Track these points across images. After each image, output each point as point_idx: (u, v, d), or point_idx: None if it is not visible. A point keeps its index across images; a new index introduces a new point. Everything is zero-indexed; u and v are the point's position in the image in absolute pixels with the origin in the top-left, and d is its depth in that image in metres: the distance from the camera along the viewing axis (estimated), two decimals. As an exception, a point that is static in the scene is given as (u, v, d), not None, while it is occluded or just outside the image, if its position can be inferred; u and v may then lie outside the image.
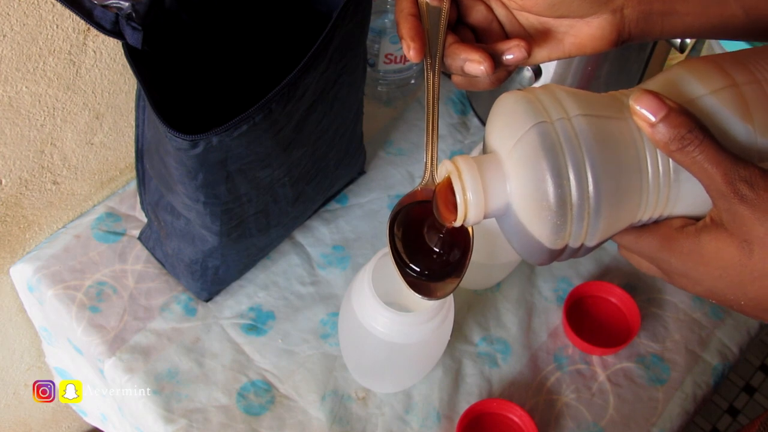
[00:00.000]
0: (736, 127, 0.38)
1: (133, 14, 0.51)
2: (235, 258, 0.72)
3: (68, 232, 0.78)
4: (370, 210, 0.82)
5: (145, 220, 0.76)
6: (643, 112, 0.37)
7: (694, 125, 0.36)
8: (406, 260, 0.44)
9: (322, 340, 0.73)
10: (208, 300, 0.75)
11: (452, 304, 0.62)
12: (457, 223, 0.40)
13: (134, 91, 0.66)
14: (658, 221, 0.40)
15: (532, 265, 0.45)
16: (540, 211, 0.37)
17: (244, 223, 0.66)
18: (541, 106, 0.38)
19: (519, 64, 0.45)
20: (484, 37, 0.47)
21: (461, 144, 0.88)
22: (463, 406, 0.71)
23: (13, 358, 0.91)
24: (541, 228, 0.37)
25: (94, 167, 0.78)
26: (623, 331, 0.77)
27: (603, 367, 0.75)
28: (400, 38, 0.44)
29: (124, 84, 0.73)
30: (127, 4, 0.51)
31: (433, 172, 0.44)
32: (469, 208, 0.38)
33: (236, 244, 0.69)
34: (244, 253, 0.73)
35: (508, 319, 0.77)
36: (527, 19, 0.46)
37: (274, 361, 0.72)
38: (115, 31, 0.52)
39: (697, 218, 0.39)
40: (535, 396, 0.73)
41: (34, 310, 0.81)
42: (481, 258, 0.71)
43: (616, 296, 0.78)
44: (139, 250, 0.77)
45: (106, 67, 0.70)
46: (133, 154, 0.70)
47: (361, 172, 0.85)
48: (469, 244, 0.44)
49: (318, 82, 0.59)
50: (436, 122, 0.44)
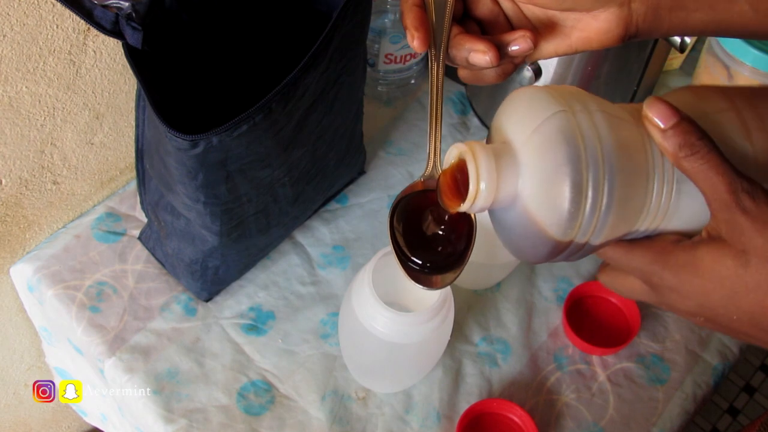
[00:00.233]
0: (737, 145, 0.39)
1: (133, 14, 0.51)
2: (235, 258, 0.72)
3: (68, 232, 0.78)
4: (370, 210, 0.82)
5: (145, 220, 0.76)
6: (655, 118, 0.38)
7: (703, 135, 0.38)
8: (407, 252, 0.43)
9: (322, 340, 0.73)
10: (208, 300, 0.75)
11: (452, 304, 0.62)
12: (464, 208, 0.39)
13: (134, 91, 0.66)
14: (650, 236, 0.41)
15: (528, 263, 0.44)
16: (556, 198, 0.37)
17: (244, 223, 0.67)
18: (562, 99, 0.39)
19: (525, 55, 0.44)
20: (490, 30, 0.46)
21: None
22: (463, 406, 0.71)
23: (13, 358, 0.91)
24: (553, 216, 0.37)
25: (94, 167, 0.78)
26: (623, 331, 0.77)
27: (603, 367, 0.75)
28: (405, 28, 0.43)
29: (124, 84, 0.73)
30: (127, 4, 0.51)
31: (436, 162, 0.44)
32: (480, 195, 0.38)
33: (236, 244, 0.69)
34: (244, 253, 0.73)
35: (508, 319, 0.77)
36: (534, 12, 0.46)
37: (274, 361, 0.72)
38: (115, 31, 0.52)
39: (690, 235, 0.40)
40: (535, 396, 0.73)
41: (34, 310, 0.81)
42: (481, 258, 0.71)
43: (616, 296, 0.78)
44: (139, 250, 0.77)
45: (106, 67, 0.70)
46: (133, 154, 0.70)
47: (361, 172, 0.85)
48: (473, 233, 0.43)
49: (318, 82, 0.59)
50: (439, 113, 0.43)
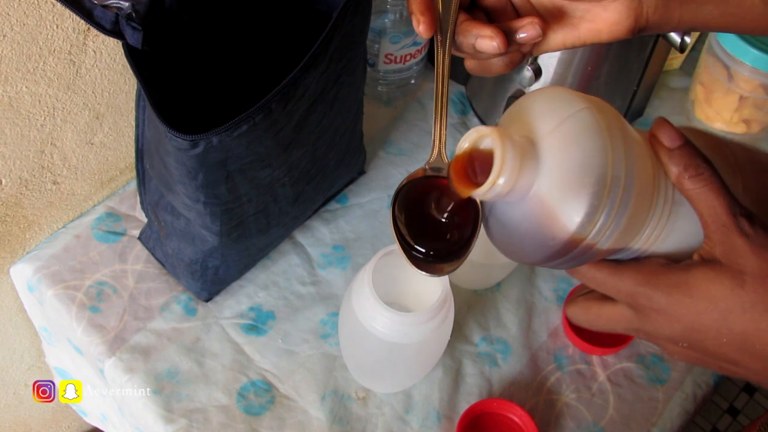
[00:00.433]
0: (727, 179, 0.41)
1: (133, 14, 0.51)
2: (235, 258, 0.72)
3: (68, 232, 0.78)
4: (370, 210, 0.82)
5: (145, 220, 0.76)
6: (663, 138, 0.39)
7: (706, 159, 0.39)
8: (410, 239, 0.42)
9: (322, 340, 0.73)
10: (208, 300, 0.75)
11: (452, 304, 0.62)
12: (478, 195, 0.38)
13: (134, 91, 0.66)
14: (639, 258, 0.41)
15: (523, 263, 0.44)
16: (580, 189, 0.37)
17: (244, 223, 0.67)
18: (586, 98, 0.40)
19: (533, 43, 0.44)
20: (498, 20, 0.46)
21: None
22: (463, 406, 0.71)
23: (13, 358, 0.91)
24: (573, 209, 0.37)
25: (94, 167, 0.78)
26: (623, 331, 0.77)
27: (603, 367, 0.75)
28: (410, 13, 0.42)
29: (124, 84, 0.73)
30: (127, 4, 0.51)
31: (441, 149, 0.43)
32: (499, 184, 0.37)
33: (236, 244, 0.69)
34: (244, 253, 0.73)
35: (508, 319, 0.77)
36: (542, 2, 0.45)
37: (274, 361, 0.72)
38: (115, 31, 0.52)
39: (676, 260, 0.41)
40: (535, 396, 0.73)
41: (34, 310, 0.81)
42: (481, 258, 0.71)
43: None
44: (139, 250, 0.77)
45: (106, 67, 0.70)
46: (133, 154, 0.70)
47: (361, 172, 0.85)
48: (478, 220, 0.42)
49: (318, 82, 0.59)
50: (445, 101, 0.43)
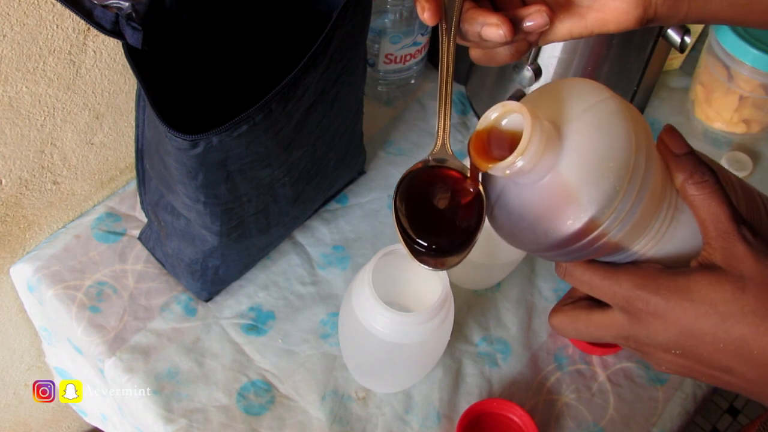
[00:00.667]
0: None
1: (133, 14, 0.51)
2: (235, 258, 0.72)
3: (68, 232, 0.78)
4: (370, 210, 0.82)
5: (145, 220, 0.76)
6: (671, 144, 0.40)
7: (710, 168, 0.40)
8: (413, 235, 0.41)
9: (322, 340, 0.73)
10: (208, 300, 0.75)
11: (452, 304, 0.62)
12: (503, 166, 0.37)
13: (134, 91, 0.66)
14: (636, 262, 0.41)
15: (530, 252, 0.44)
16: (603, 172, 0.37)
17: (244, 223, 0.66)
18: (611, 90, 0.40)
19: (540, 32, 0.43)
20: (504, 8, 0.45)
21: (461, 144, 0.88)
22: (463, 406, 0.71)
23: (13, 358, 0.91)
24: (595, 191, 0.37)
25: (94, 167, 0.78)
26: (623, 331, 0.77)
27: (603, 367, 0.75)
28: (415, 1, 0.42)
29: (124, 84, 0.73)
30: (127, 4, 0.51)
31: (445, 139, 0.43)
32: (528, 153, 0.36)
33: (236, 244, 0.69)
34: (244, 253, 0.73)
35: (508, 319, 0.77)
36: None
37: (274, 361, 0.72)
38: (115, 31, 0.52)
39: (671, 267, 0.41)
40: (535, 396, 0.73)
41: (34, 310, 0.81)
42: (481, 258, 0.71)
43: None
44: (139, 250, 0.77)
45: (106, 67, 0.70)
46: (133, 154, 0.70)
47: (361, 172, 0.85)
48: (482, 214, 0.41)
49: (318, 82, 0.59)
50: (449, 90, 0.42)
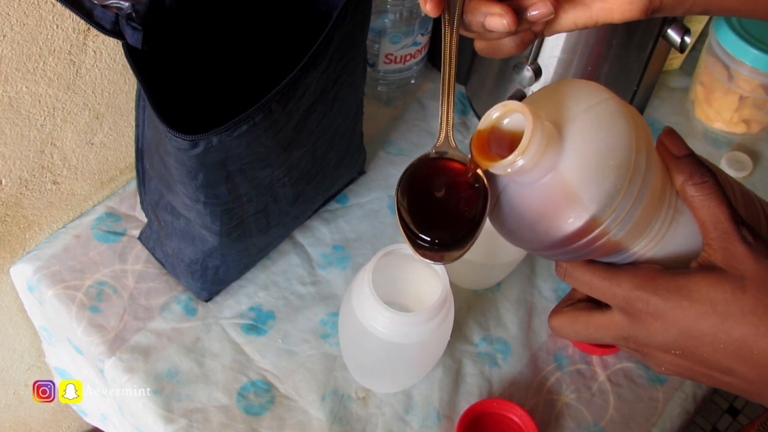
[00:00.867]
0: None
1: (133, 14, 0.51)
2: (235, 258, 0.72)
3: (68, 232, 0.78)
4: (370, 210, 0.82)
5: (145, 220, 0.76)
6: (671, 146, 0.40)
7: (709, 170, 0.40)
8: (414, 229, 0.41)
9: (322, 340, 0.73)
10: (208, 300, 0.75)
11: (452, 304, 0.62)
12: (504, 165, 0.38)
13: (134, 91, 0.66)
14: (636, 263, 0.42)
15: (532, 250, 0.44)
16: (604, 171, 0.37)
17: (244, 223, 0.66)
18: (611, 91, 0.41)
19: (544, 21, 0.43)
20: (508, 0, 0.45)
21: (461, 144, 0.88)
22: (463, 406, 0.71)
23: (13, 358, 0.91)
24: (596, 190, 0.37)
25: (94, 167, 0.78)
26: (623, 331, 0.77)
27: (603, 367, 0.75)
28: None
29: (124, 84, 0.73)
30: (127, 4, 0.51)
31: (448, 132, 0.43)
32: (529, 152, 0.37)
33: (236, 244, 0.69)
34: (244, 253, 0.73)
35: (508, 319, 0.77)
36: None
37: (274, 361, 0.72)
38: (115, 31, 0.52)
39: (670, 268, 0.41)
40: (535, 396, 0.73)
41: (34, 310, 0.81)
42: (481, 258, 0.71)
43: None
44: (139, 250, 0.77)
45: (106, 67, 0.70)
46: (133, 154, 0.70)
47: (361, 172, 0.85)
48: (485, 206, 0.41)
49: (318, 82, 0.59)
50: (452, 83, 0.42)
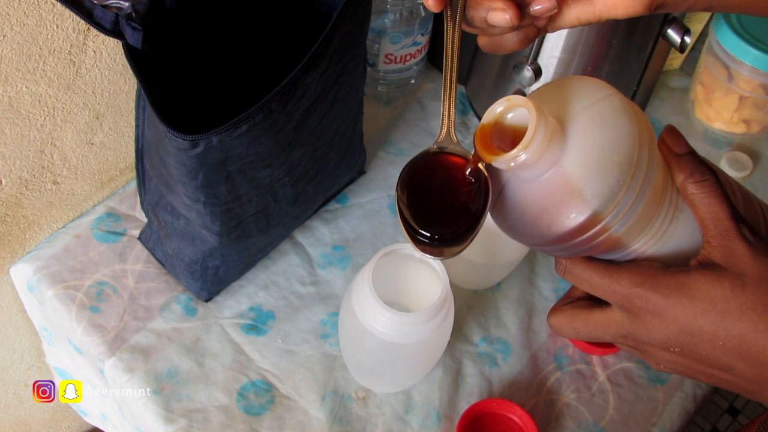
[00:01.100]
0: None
1: (133, 14, 0.51)
2: (235, 258, 0.72)
3: (68, 232, 0.78)
4: (370, 210, 0.82)
5: (145, 220, 0.76)
6: (672, 144, 0.41)
7: (710, 168, 0.40)
8: (414, 224, 0.41)
9: (322, 340, 0.73)
10: (208, 300, 0.75)
11: (452, 304, 0.62)
12: (508, 158, 0.38)
13: (134, 91, 0.66)
14: (636, 260, 0.42)
15: (533, 246, 0.44)
16: (607, 166, 0.38)
17: (244, 223, 0.66)
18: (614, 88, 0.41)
19: (548, 16, 0.43)
20: None
21: (461, 144, 0.88)
22: (463, 406, 0.71)
23: (13, 358, 0.91)
24: (598, 185, 0.37)
25: (94, 167, 0.78)
26: (623, 331, 0.77)
27: (603, 367, 0.75)
28: None
29: (124, 84, 0.73)
30: (127, 4, 0.51)
31: (450, 127, 0.43)
32: (533, 146, 0.37)
33: (236, 244, 0.69)
34: (244, 253, 0.73)
35: (508, 319, 0.77)
36: None
37: (274, 361, 0.72)
38: (115, 31, 0.52)
39: (669, 265, 0.41)
40: (535, 396, 0.73)
41: (34, 310, 0.81)
42: (481, 258, 0.71)
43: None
44: (139, 250, 0.77)
45: (106, 67, 0.70)
46: (133, 154, 0.70)
47: (361, 172, 0.85)
48: (486, 201, 0.41)
49: (318, 82, 0.59)
50: (454, 78, 0.42)
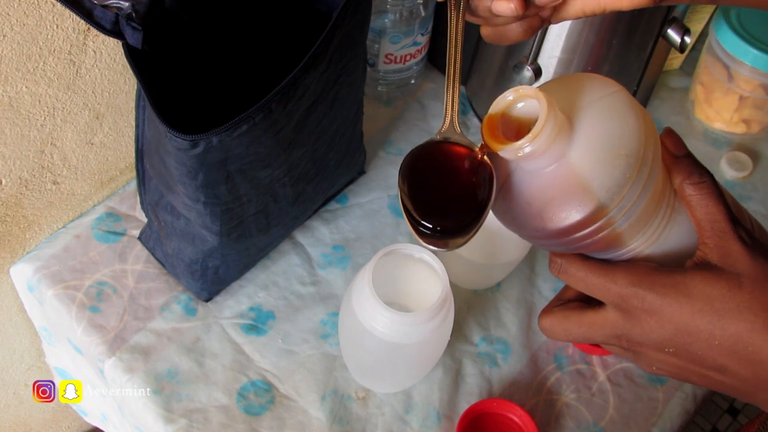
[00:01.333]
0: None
1: (133, 14, 0.51)
2: (235, 258, 0.72)
3: (68, 232, 0.78)
4: (370, 210, 0.82)
5: (145, 220, 0.76)
6: (671, 146, 0.41)
7: (707, 170, 0.41)
8: (416, 215, 0.40)
9: (322, 340, 0.73)
10: (208, 300, 0.75)
11: (452, 304, 0.62)
12: (516, 147, 0.37)
13: (134, 91, 0.66)
14: (631, 260, 0.42)
15: (533, 239, 0.44)
16: (614, 160, 0.38)
17: (244, 223, 0.67)
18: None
19: (552, 6, 0.43)
20: None
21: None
22: (463, 406, 0.71)
23: (13, 358, 0.91)
24: (605, 178, 0.38)
25: (94, 167, 0.78)
26: (623, 331, 0.77)
27: (603, 367, 0.75)
28: None
29: (124, 84, 0.73)
30: (127, 4, 0.51)
31: (453, 117, 0.42)
32: (542, 136, 0.37)
33: (236, 244, 0.69)
34: (244, 253, 0.73)
35: (508, 319, 0.77)
36: None
37: (274, 361, 0.72)
38: (115, 31, 0.52)
39: (664, 266, 0.41)
40: (535, 396, 0.73)
41: (34, 310, 0.81)
42: (481, 258, 0.71)
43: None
44: (139, 250, 0.77)
45: (106, 67, 0.70)
46: (133, 154, 0.70)
47: (361, 172, 0.85)
48: (490, 192, 0.40)
49: (318, 82, 0.59)
50: (458, 67, 0.42)
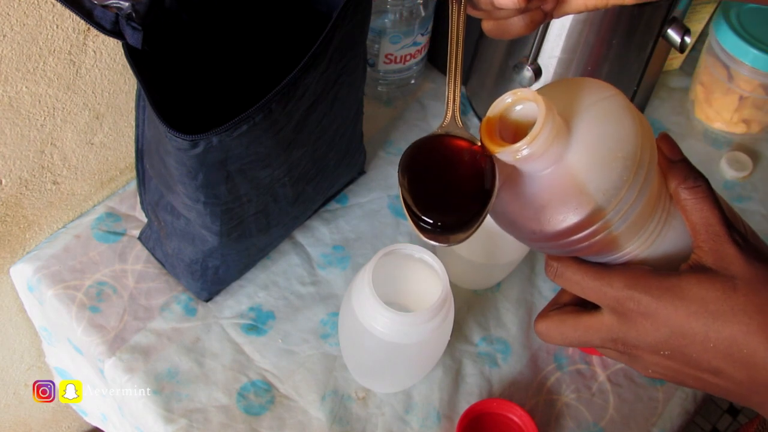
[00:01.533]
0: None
1: (133, 14, 0.51)
2: (235, 258, 0.72)
3: (68, 232, 0.78)
4: (370, 210, 0.82)
5: (145, 220, 0.76)
6: (666, 151, 0.41)
7: (702, 175, 0.41)
8: (416, 210, 0.40)
9: (322, 340, 0.73)
10: (208, 300, 0.75)
11: (452, 304, 0.62)
12: (513, 150, 0.38)
13: (134, 91, 0.66)
14: (627, 264, 0.42)
15: (530, 242, 0.44)
16: (611, 162, 0.38)
17: (244, 223, 0.67)
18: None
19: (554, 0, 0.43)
20: None
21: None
22: (463, 406, 0.71)
23: (13, 358, 0.91)
24: (602, 181, 0.38)
25: (94, 167, 0.78)
26: (623, 331, 0.77)
27: (603, 367, 0.75)
28: None
29: (124, 84, 0.73)
30: (127, 4, 0.51)
31: (455, 112, 0.42)
32: (541, 138, 0.37)
33: (236, 244, 0.69)
34: (244, 253, 0.73)
35: (508, 319, 0.77)
36: None
37: (274, 361, 0.72)
38: (115, 31, 0.52)
39: (659, 269, 0.41)
40: (535, 396, 0.73)
41: (34, 310, 0.81)
42: (481, 258, 0.71)
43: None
44: (139, 250, 0.77)
45: (106, 67, 0.70)
46: (133, 154, 0.70)
47: (361, 172, 0.85)
48: (494, 181, 0.40)
49: (318, 82, 0.59)
50: (459, 62, 0.42)
